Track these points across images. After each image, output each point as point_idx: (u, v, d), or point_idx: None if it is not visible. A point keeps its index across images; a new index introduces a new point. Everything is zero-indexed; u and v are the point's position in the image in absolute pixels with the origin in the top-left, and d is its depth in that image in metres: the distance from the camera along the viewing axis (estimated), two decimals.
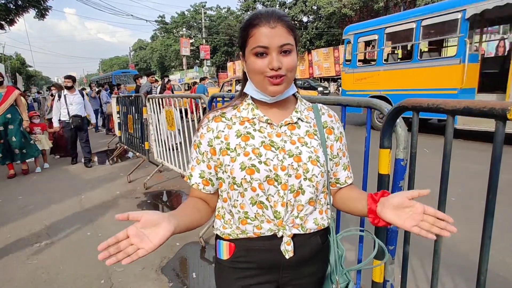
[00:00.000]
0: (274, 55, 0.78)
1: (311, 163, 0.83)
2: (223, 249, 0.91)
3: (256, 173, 0.80)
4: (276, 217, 0.83)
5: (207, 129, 0.88)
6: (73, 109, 5.75)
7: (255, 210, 0.84)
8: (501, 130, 0.77)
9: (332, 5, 25.89)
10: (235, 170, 0.82)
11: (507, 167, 4.20)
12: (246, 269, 0.89)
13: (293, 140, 0.85)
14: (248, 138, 0.85)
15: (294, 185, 0.82)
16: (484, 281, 0.88)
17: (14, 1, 16.02)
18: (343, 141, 0.95)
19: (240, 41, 0.85)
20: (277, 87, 0.81)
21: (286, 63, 0.79)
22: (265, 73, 0.79)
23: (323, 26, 28.07)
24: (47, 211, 3.83)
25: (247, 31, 0.81)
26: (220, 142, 0.86)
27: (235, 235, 0.88)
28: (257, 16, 0.80)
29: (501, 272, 2.20)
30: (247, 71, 0.86)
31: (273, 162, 0.82)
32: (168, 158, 4.28)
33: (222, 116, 0.89)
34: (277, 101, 0.86)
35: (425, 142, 5.97)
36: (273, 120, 0.87)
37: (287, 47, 0.79)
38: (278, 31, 0.78)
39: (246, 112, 0.88)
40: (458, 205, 3.25)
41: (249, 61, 0.82)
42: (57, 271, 2.50)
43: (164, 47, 44.46)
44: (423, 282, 2.12)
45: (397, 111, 1.11)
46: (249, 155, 0.82)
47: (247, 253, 0.88)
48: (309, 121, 0.90)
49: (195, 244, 2.81)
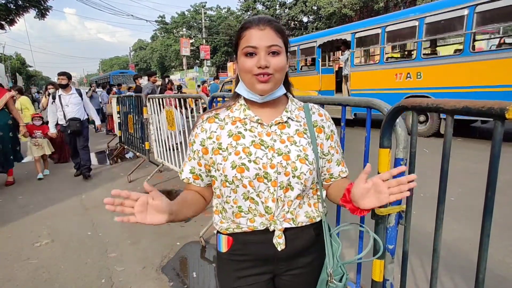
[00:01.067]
0: (262, 55, 0.83)
1: (300, 161, 0.87)
2: (222, 242, 0.96)
3: (246, 172, 0.85)
4: (268, 212, 0.88)
5: (201, 130, 0.93)
6: (70, 111, 4.92)
7: (248, 204, 0.89)
8: (499, 129, 0.78)
9: (332, 5, 25.89)
10: (227, 168, 0.86)
11: (506, 167, 4.21)
12: (243, 261, 0.94)
13: (282, 139, 0.89)
14: (239, 137, 0.89)
15: (283, 182, 0.86)
16: (483, 279, 0.88)
17: (14, 1, 16.03)
18: (335, 138, 0.98)
19: (234, 43, 0.91)
20: (264, 85, 0.85)
21: (273, 63, 0.83)
22: (253, 72, 0.84)
23: (323, 26, 28.04)
24: (48, 210, 3.84)
25: (239, 34, 0.87)
26: (212, 142, 0.91)
27: (231, 229, 0.93)
28: (249, 21, 0.87)
29: (501, 272, 2.21)
30: (239, 72, 0.90)
31: (262, 160, 0.86)
32: (168, 158, 4.29)
33: (216, 117, 0.94)
34: (267, 101, 0.90)
35: (424, 142, 5.97)
36: (263, 120, 0.91)
37: (275, 48, 0.84)
38: (266, 33, 0.84)
39: (238, 112, 0.92)
40: (457, 205, 3.26)
41: (240, 60, 0.87)
42: (58, 271, 2.50)
43: (164, 47, 44.46)
44: (422, 281, 2.13)
45: (397, 111, 1.12)
46: (239, 154, 0.86)
47: (244, 246, 0.93)
48: (300, 120, 0.94)
49: (195, 244, 2.82)
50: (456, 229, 2.77)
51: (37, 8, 16.91)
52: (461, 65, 6.06)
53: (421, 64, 6.67)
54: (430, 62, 6.60)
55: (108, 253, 2.75)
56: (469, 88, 5.94)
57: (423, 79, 6.66)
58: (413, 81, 6.82)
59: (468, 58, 5.93)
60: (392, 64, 7.61)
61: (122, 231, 3.15)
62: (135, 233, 3.08)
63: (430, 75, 6.54)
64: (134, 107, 5.21)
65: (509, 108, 0.72)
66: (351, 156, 1.82)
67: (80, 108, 5.02)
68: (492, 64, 5.63)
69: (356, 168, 1.61)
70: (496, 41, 7.21)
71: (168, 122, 4.32)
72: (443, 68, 6.34)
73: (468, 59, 5.93)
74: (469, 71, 5.91)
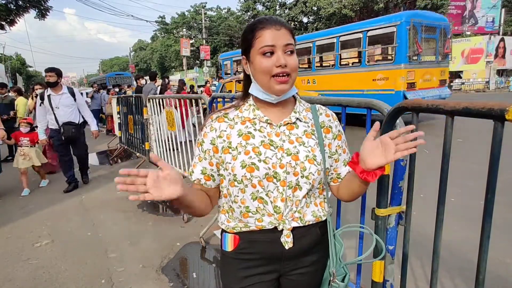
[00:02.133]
0: (280, 54, 0.84)
1: (308, 162, 0.88)
2: (228, 241, 0.96)
3: (256, 171, 0.86)
4: (276, 212, 0.89)
5: (210, 129, 0.93)
6: (62, 115, 4.24)
7: (256, 204, 0.89)
8: (499, 130, 0.78)
9: (332, 6, 25.92)
10: (236, 167, 0.87)
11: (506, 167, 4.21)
12: (249, 260, 0.94)
13: (291, 139, 0.90)
14: (249, 137, 0.89)
15: (292, 182, 0.87)
16: (483, 280, 0.89)
17: (14, 1, 16.04)
18: (342, 138, 0.99)
19: (245, 44, 0.90)
20: (284, 86, 0.86)
21: (290, 63, 0.85)
22: (272, 72, 0.85)
23: (323, 27, 28.03)
24: (48, 211, 3.84)
25: (253, 33, 0.86)
26: (222, 141, 0.91)
27: (239, 228, 0.93)
28: (262, 21, 0.87)
29: (501, 272, 2.21)
30: (253, 72, 0.90)
31: (272, 160, 0.87)
32: (168, 159, 4.29)
33: (225, 117, 0.94)
34: (278, 102, 0.91)
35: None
36: (272, 120, 0.91)
37: (291, 48, 0.86)
38: (282, 33, 0.85)
39: (247, 112, 0.93)
40: (458, 206, 3.26)
41: (256, 61, 0.87)
42: (58, 271, 2.50)
43: (164, 47, 44.46)
44: (422, 282, 2.13)
45: (397, 111, 1.12)
46: (249, 154, 0.87)
47: (250, 245, 0.93)
48: (307, 121, 0.95)
49: (195, 244, 2.82)
50: (456, 230, 2.77)
51: (38, 8, 16.93)
52: (334, 76, 9.24)
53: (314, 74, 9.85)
54: (319, 73, 9.75)
55: (108, 253, 2.75)
56: (340, 91, 8.82)
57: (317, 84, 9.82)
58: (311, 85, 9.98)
59: (337, 71, 9.15)
60: None
61: (122, 231, 3.15)
62: (135, 234, 3.08)
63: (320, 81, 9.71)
64: (134, 107, 5.21)
65: (509, 109, 0.72)
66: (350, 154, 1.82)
67: (74, 110, 4.36)
68: (350, 75, 8.82)
69: None
70: (352, 60, 9.81)
71: (168, 122, 4.32)
72: (327, 77, 9.49)
73: (337, 71, 9.15)
74: (339, 79, 9.04)
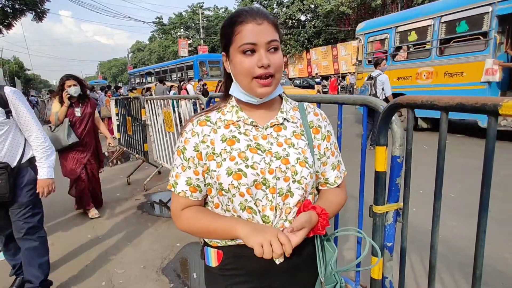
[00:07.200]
0: (262, 52, 0.76)
1: (300, 165, 0.81)
2: (211, 256, 0.89)
3: (243, 178, 0.78)
4: (265, 222, 0.81)
5: (192, 134, 0.85)
6: None
7: (246, 215, 0.81)
8: (493, 125, 0.78)
9: (330, 3, 25.91)
10: (222, 176, 0.79)
11: (505, 162, 4.22)
12: (236, 275, 0.87)
13: (279, 142, 0.83)
14: (234, 142, 0.82)
15: (282, 188, 0.80)
16: (480, 275, 0.89)
17: (11, 5, 16.02)
18: (331, 139, 0.92)
19: (224, 40, 0.81)
20: (267, 89, 0.79)
21: (274, 62, 0.77)
22: (253, 74, 0.77)
23: (321, 24, 28.06)
24: (47, 213, 3.80)
25: (232, 29, 0.77)
26: (206, 147, 0.83)
27: (224, 242, 0.86)
28: (241, 13, 0.78)
29: (499, 267, 2.21)
30: (234, 72, 0.82)
31: (260, 165, 0.79)
32: (167, 159, 4.29)
33: (207, 120, 0.86)
34: (263, 102, 0.84)
35: (423, 139, 5.98)
36: (258, 122, 0.84)
37: (275, 44, 0.77)
38: (265, 28, 0.76)
39: (230, 114, 0.85)
40: (457, 201, 3.26)
41: (236, 60, 0.79)
42: (58, 273, 2.50)
43: (162, 48, 44.45)
44: (422, 278, 2.13)
45: (392, 108, 1.12)
46: (235, 160, 0.79)
47: (235, 260, 0.86)
48: (295, 121, 0.87)
49: (195, 245, 2.82)
50: (455, 225, 2.77)
51: (34, 11, 16.91)
52: None
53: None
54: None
55: (108, 255, 2.75)
56: None
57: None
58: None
59: None
60: None
61: (122, 233, 3.15)
62: (135, 235, 3.08)
63: None
64: (132, 109, 5.20)
65: (503, 104, 0.72)
66: (351, 154, 1.82)
67: (6, 138, 1.88)
68: None
69: (354, 166, 1.61)
70: None
71: (166, 123, 4.31)
72: None
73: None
74: None
